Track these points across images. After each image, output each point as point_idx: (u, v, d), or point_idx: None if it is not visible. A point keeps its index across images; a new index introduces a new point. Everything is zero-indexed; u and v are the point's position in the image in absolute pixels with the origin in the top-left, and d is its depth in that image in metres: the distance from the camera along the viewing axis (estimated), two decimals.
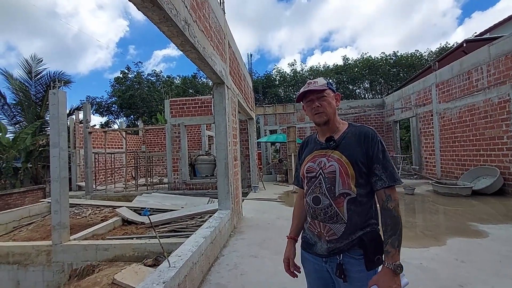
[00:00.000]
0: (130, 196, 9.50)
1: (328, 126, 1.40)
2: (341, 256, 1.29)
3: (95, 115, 28.98)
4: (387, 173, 1.27)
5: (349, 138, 1.35)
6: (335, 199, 1.30)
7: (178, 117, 10.05)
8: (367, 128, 1.36)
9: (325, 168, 1.34)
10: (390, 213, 1.24)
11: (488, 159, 7.47)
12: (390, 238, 1.21)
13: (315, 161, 1.39)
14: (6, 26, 49.55)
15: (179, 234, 5.71)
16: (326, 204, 1.31)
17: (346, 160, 1.30)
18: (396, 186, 1.27)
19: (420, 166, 10.88)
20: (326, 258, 1.33)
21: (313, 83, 1.41)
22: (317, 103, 1.37)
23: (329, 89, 1.39)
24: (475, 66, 7.86)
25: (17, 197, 10.25)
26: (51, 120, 5.15)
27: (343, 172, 1.29)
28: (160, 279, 2.20)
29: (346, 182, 1.29)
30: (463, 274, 2.87)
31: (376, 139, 1.31)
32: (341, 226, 1.28)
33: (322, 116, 1.37)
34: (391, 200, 1.25)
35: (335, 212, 1.29)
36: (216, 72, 4.09)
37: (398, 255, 1.20)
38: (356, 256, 1.27)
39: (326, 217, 1.31)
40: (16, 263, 5.10)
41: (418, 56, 27.34)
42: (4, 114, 14.07)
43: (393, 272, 1.17)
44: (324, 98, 1.37)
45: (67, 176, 5.21)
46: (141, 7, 2.15)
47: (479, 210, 5.62)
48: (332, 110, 1.39)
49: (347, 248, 1.28)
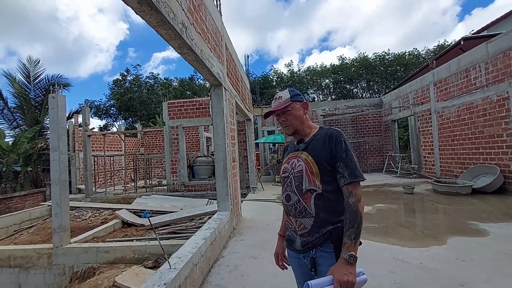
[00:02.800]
0: (130, 198, 9.50)
1: (298, 135, 1.55)
2: (314, 250, 1.40)
3: (94, 118, 29.00)
4: (349, 170, 1.35)
5: (317, 140, 1.47)
6: (302, 195, 1.42)
7: (176, 119, 10.07)
8: (332, 130, 1.47)
9: (295, 168, 1.48)
10: (350, 208, 1.31)
11: (487, 157, 7.47)
12: (348, 230, 1.28)
13: (289, 162, 1.53)
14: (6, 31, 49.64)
15: (179, 235, 5.71)
16: (295, 200, 1.44)
17: (312, 160, 1.42)
18: (358, 182, 1.35)
19: (419, 165, 10.89)
20: (303, 253, 1.44)
21: (278, 99, 1.54)
22: (283, 118, 1.53)
23: (293, 102, 1.51)
24: (473, 64, 7.87)
25: (18, 201, 10.25)
26: (51, 124, 5.15)
27: (309, 170, 1.41)
28: (161, 280, 2.21)
29: (311, 179, 1.40)
30: (463, 273, 2.88)
31: (339, 139, 1.41)
32: (309, 220, 1.39)
33: (289, 129, 1.53)
34: (352, 196, 1.33)
35: (303, 207, 1.41)
36: (214, 74, 4.10)
37: (353, 247, 1.26)
38: (328, 250, 1.36)
39: (296, 212, 1.44)
40: (17, 266, 5.10)
41: (416, 54, 27.37)
42: (4, 118, 14.06)
43: (347, 261, 1.23)
44: (289, 112, 1.51)
45: (67, 179, 5.21)
46: (139, 11, 2.16)
47: (479, 208, 5.63)
48: (298, 121, 1.52)
49: (319, 242, 1.38)
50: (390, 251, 3.60)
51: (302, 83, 29.98)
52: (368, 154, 13.80)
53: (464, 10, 51.61)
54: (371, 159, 13.84)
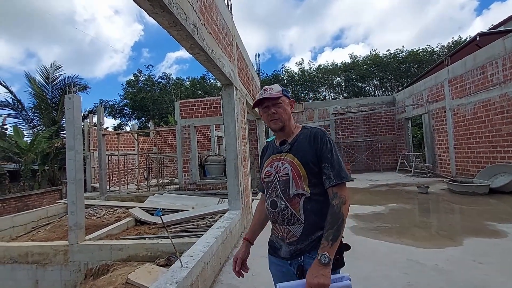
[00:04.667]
0: (143, 196, 9.65)
1: (284, 132, 1.45)
2: (302, 257, 1.32)
3: (108, 117, 29.59)
4: (334, 171, 1.29)
5: (301, 140, 1.39)
6: (290, 201, 1.33)
7: (188, 118, 10.16)
8: (317, 129, 1.40)
9: (279, 171, 1.39)
10: (332, 209, 1.26)
11: (505, 155, 7.24)
12: (326, 232, 1.22)
13: (272, 166, 1.44)
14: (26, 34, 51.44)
15: (190, 234, 5.77)
16: (282, 206, 1.35)
17: (298, 162, 1.34)
18: (344, 183, 1.29)
19: (434, 164, 10.65)
20: (290, 260, 1.36)
21: (269, 90, 1.45)
22: (273, 110, 1.42)
23: (284, 96, 1.44)
24: (489, 60, 7.63)
25: (36, 198, 10.58)
26: (66, 124, 5.30)
27: (295, 173, 1.33)
28: (173, 279, 2.23)
29: (299, 183, 1.32)
30: (480, 276, 2.79)
31: (324, 139, 1.35)
32: (299, 227, 1.32)
33: (278, 123, 1.42)
34: (336, 197, 1.27)
35: (291, 213, 1.33)
36: (225, 73, 4.12)
37: (329, 248, 1.18)
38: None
39: (284, 219, 1.35)
40: (35, 263, 5.27)
41: (429, 51, 26.70)
42: (22, 119, 14.51)
43: (320, 262, 1.16)
44: (279, 105, 1.42)
45: (82, 177, 5.35)
46: (152, 12, 2.19)
47: (497, 209, 5.46)
48: (287, 116, 1.44)
49: (307, 249, 1.31)
50: (403, 252, 3.54)
51: (313, 82, 29.73)
52: (381, 153, 13.58)
53: (482, 5, 49.91)
54: (384, 158, 13.62)
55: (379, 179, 10.21)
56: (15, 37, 49.56)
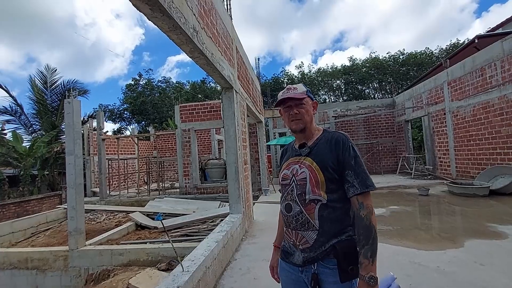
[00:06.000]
0: (143, 201, 9.63)
1: (304, 134, 1.41)
2: (315, 265, 1.26)
3: (108, 122, 29.64)
4: (359, 179, 1.23)
5: (322, 144, 1.34)
6: (305, 206, 1.28)
7: (188, 122, 10.17)
8: (339, 134, 1.34)
9: (297, 175, 1.34)
10: (362, 222, 1.20)
11: (505, 157, 7.24)
12: (363, 248, 1.18)
13: (289, 168, 1.40)
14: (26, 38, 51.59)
15: (192, 238, 5.76)
16: (297, 211, 1.30)
17: (316, 167, 1.29)
18: (369, 192, 1.24)
19: (434, 166, 10.64)
20: (302, 267, 1.31)
21: (292, 89, 1.41)
22: (295, 110, 1.38)
23: (308, 97, 1.40)
24: (488, 62, 7.67)
25: (35, 204, 10.53)
26: (66, 129, 5.30)
27: (313, 178, 1.28)
28: (175, 283, 2.22)
29: (315, 188, 1.27)
30: (483, 278, 2.79)
31: (347, 144, 1.29)
32: (313, 233, 1.27)
33: (299, 124, 1.38)
34: (363, 208, 1.21)
35: (306, 218, 1.28)
36: (225, 77, 4.13)
37: (371, 266, 1.15)
38: (331, 266, 1.23)
39: (297, 224, 1.30)
40: (34, 268, 5.24)
41: (429, 54, 26.86)
42: (21, 124, 14.51)
43: (367, 284, 1.13)
44: (303, 106, 1.38)
45: (82, 182, 5.33)
46: (151, 17, 2.20)
47: (498, 210, 5.45)
48: (309, 118, 1.39)
49: (321, 257, 1.25)
50: (405, 254, 3.52)
51: (313, 85, 29.86)
52: (381, 155, 13.57)
53: (481, 7, 50.39)
54: (384, 161, 13.61)
55: (380, 182, 10.18)
56: (15, 42, 49.89)
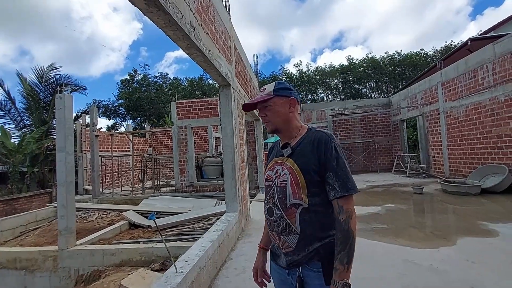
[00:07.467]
0: (137, 199, 9.51)
1: (282, 134, 1.36)
2: (300, 268, 1.23)
3: (102, 118, 29.18)
4: (340, 182, 1.17)
5: (304, 145, 1.27)
6: (286, 210, 1.24)
7: (184, 119, 10.07)
8: (322, 133, 1.26)
9: (279, 177, 1.29)
10: (340, 226, 1.15)
11: (496, 157, 7.40)
12: (339, 254, 1.13)
13: (273, 169, 1.35)
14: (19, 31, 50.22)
15: (187, 237, 5.70)
16: (278, 215, 1.26)
17: (297, 169, 1.23)
18: (350, 195, 1.18)
19: (428, 165, 10.78)
20: (288, 270, 1.28)
21: (262, 91, 1.36)
22: (262, 113, 1.35)
23: (275, 97, 1.31)
24: (480, 64, 7.80)
25: (24, 202, 10.31)
26: (57, 125, 5.14)
27: (293, 182, 1.23)
28: (167, 285, 2.18)
29: (296, 192, 1.22)
30: (474, 276, 2.82)
31: (330, 144, 1.21)
32: (294, 237, 1.22)
33: (269, 126, 1.35)
34: (342, 212, 1.15)
35: (287, 223, 1.24)
36: (222, 74, 4.08)
37: (346, 273, 1.11)
38: (315, 269, 1.20)
39: (279, 229, 1.26)
40: (23, 269, 5.06)
41: (423, 55, 27.18)
42: (11, 119, 14.14)
43: None
44: (269, 107, 1.32)
45: (74, 180, 5.19)
46: (147, 12, 2.14)
47: (489, 208, 5.54)
48: (280, 118, 1.32)
49: (305, 260, 1.21)
50: (399, 252, 3.55)
51: (311, 83, 29.94)
52: (377, 154, 13.68)
53: (475, 10, 51.19)
54: (380, 159, 13.74)
55: (375, 180, 10.27)
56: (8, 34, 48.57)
